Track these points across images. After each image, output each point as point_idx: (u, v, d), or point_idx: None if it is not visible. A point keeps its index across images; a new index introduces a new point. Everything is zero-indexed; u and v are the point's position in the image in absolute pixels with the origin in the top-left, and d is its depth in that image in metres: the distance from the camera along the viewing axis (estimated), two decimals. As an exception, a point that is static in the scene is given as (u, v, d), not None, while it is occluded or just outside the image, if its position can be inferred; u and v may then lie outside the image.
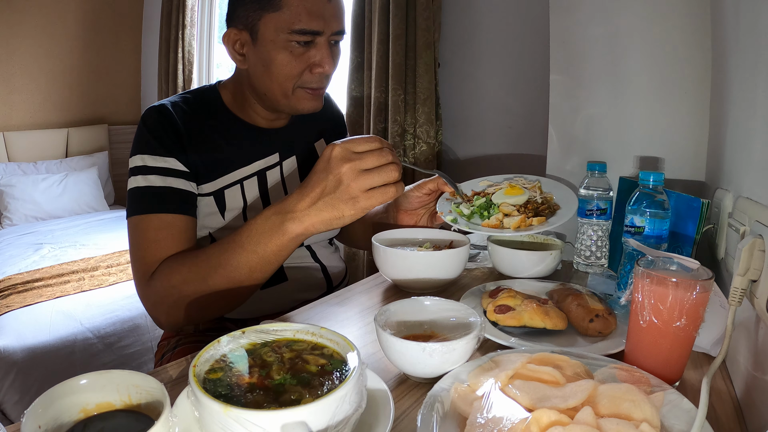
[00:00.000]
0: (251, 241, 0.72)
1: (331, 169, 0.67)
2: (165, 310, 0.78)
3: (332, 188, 0.67)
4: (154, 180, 0.83)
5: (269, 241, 0.71)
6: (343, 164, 0.66)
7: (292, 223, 0.69)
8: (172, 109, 0.88)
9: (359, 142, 0.68)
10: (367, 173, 0.67)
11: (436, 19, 1.86)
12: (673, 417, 0.47)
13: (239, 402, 0.41)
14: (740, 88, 0.73)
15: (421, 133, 1.89)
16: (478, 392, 0.49)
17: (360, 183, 0.66)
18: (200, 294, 0.75)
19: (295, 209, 0.69)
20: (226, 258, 0.73)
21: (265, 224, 0.71)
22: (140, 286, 0.81)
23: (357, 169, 0.66)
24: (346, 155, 0.67)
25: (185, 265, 0.77)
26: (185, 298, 0.76)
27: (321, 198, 0.68)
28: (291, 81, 0.85)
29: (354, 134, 2.08)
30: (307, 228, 0.70)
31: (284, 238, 0.71)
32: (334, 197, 0.67)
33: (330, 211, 0.68)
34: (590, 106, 1.05)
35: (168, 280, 0.77)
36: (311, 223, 0.69)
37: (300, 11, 0.80)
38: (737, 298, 0.54)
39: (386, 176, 0.67)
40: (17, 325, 1.72)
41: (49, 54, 3.09)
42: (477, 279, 0.97)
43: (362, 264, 2.12)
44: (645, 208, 0.76)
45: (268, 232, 0.71)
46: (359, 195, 0.67)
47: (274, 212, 0.71)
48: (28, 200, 2.79)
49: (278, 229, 0.70)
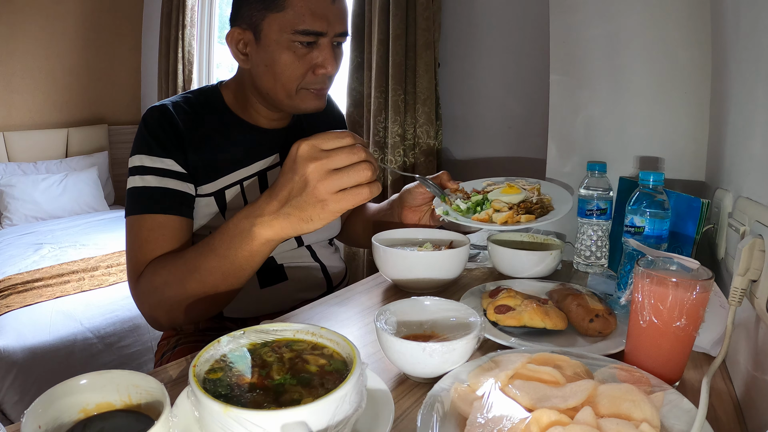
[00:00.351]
0: (223, 246, 0.69)
1: (296, 169, 0.61)
2: (149, 310, 0.79)
3: (299, 190, 0.62)
4: (150, 180, 0.83)
5: (240, 246, 0.68)
6: (309, 163, 0.60)
7: (261, 227, 0.65)
8: (173, 109, 0.88)
9: (327, 138, 0.62)
10: (336, 173, 0.60)
11: (436, 19, 1.86)
12: (673, 417, 0.47)
13: (239, 402, 0.41)
14: (740, 88, 0.73)
15: (421, 133, 1.89)
16: (478, 392, 0.49)
17: (328, 184, 0.60)
18: (179, 297, 0.74)
19: (263, 213, 0.65)
20: (200, 262, 0.71)
21: (236, 228, 0.68)
22: (131, 285, 0.82)
23: (324, 169, 0.60)
24: (312, 153, 0.61)
25: (165, 268, 0.76)
26: (166, 300, 0.75)
27: (288, 201, 0.63)
28: (294, 82, 0.85)
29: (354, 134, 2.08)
30: (276, 233, 0.65)
31: (254, 243, 0.67)
32: (300, 200, 0.62)
33: (298, 215, 0.63)
34: (590, 106, 1.05)
35: (151, 281, 0.77)
36: (280, 227, 0.65)
37: (304, 12, 0.80)
38: (737, 298, 0.54)
39: (357, 176, 0.61)
40: (17, 325, 1.72)
41: (49, 54, 3.09)
42: (477, 279, 0.97)
43: (362, 264, 2.12)
44: (645, 208, 0.76)
45: (239, 236, 0.67)
46: (328, 198, 0.61)
47: (244, 215, 0.67)
48: (28, 200, 2.79)
49: (248, 233, 0.66)
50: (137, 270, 0.80)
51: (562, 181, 1.11)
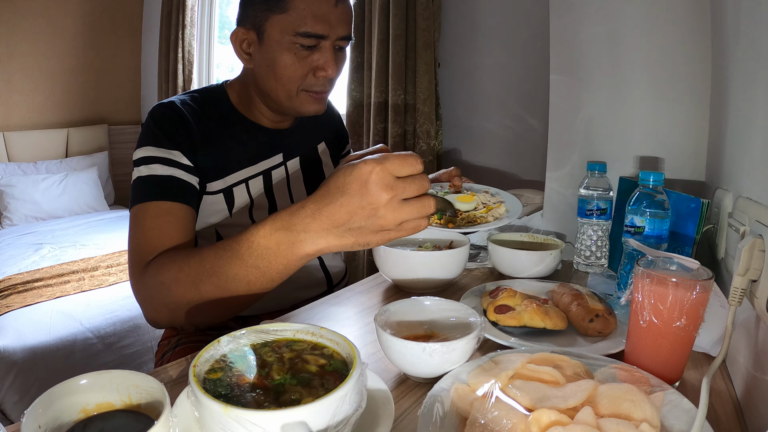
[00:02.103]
0: (252, 255, 0.62)
1: (367, 195, 0.55)
2: (153, 306, 0.74)
3: (364, 217, 0.56)
4: (156, 168, 0.81)
5: (274, 258, 0.62)
6: (384, 193, 0.54)
7: (304, 244, 0.59)
8: (181, 106, 0.88)
9: (402, 165, 0.56)
10: (407, 204, 0.56)
11: (436, 19, 1.86)
12: (673, 417, 0.47)
13: (239, 402, 0.41)
14: (740, 88, 0.73)
15: (421, 133, 1.89)
16: (478, 392, 0.49)
17: (397, 215, 0.56)
18: (189, 298, 0.68)
19: (309, 229, 0.58)
20: (220, 267, 0.65)
21: (270, 239, 0.61)
22: (133, 277, 0.77)
23: (398, 199, 0.56)
24: (388, 181, 0.55)
25: (176, 263, 0.70)
26: (173, 299, 0.70)
27: (346, 224, 0.57)
28: (295, 83, 0.86)
29: (353, 134, 2.08)
30: (320, 250, 0.60)
31: (293, 257, 0.61)
32: (363, 226, 0.57)
33: (353, 239, 0.58)
34: (590, 106, 1.05)
35: (158, 276, 0.71)
36: (327, 246, 0.59)
37: (306, 14, 0.81)
38: (737, 298, 0.54)
39: (424, 209, 0.57)
40: (17, 325, 1.72)
41: (49, 54, 3.09)
42: (477, 279, 0.97)
43: (362, 264, 2.12)
44: (645, 208, 0.76)
45: (274, 248, 0.61)
46: (392, 228, 0.57)
47: (281, 227, 0.60)
48: (28, 200, 2.78)
49: (287, 248, 0.60)
50: (141, 260, 0.76)
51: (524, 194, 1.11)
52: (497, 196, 0.99)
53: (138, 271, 0.76)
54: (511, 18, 1.77)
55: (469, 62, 1.90)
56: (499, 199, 0.98)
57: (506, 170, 1.87)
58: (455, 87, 1.95)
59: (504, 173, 1.87)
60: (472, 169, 1.93)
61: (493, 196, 0.99)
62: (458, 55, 1.92)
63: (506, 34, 1.79)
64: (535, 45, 1.66)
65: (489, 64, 1.85)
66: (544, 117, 1.16)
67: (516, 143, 1.81)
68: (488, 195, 0.99)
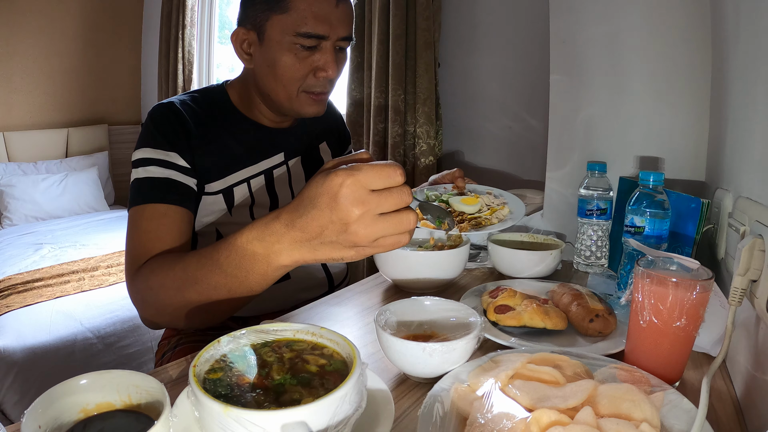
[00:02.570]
0: (230, 264, 0.61)
1: (336, 210, 0.50)
2: (144, 308, 0.76)
3: (335, 232, 0.52)
4: (153, 171, 0.82)
5: (252, 269, 0.60)
6: (354, 208, 0.50)
7: (278, 255, 0.57)
8: (180, 106, 0.88)
9: (377, 176, 0.50)
10: (382, 220, 0.51)
11: (436, 19, 1.86)
12: (673, 417, 0.47)
13: (239, 402, 0.41)
14: (740, 88, 0.73)
15: (421, 133, 1.89)
16: (478, 392, 0.49)
17: (371, 231, 0.51)
18: (176, 303, 0.69)
19: (282, 240, 0.56)
20: (202, 275, 0.64)
21: (247, 249, 0.59)
22: (127, 279, 0.78)
23: (372, 215, 0.51)
24: (359, 195, 0.50)
25: (163, 269, 0.70)
26: (162, 303, 0.71)
27: (318, 238, 0.53)
28: (295, 84, 0.86)
29: (353, 134, 2.08)
30: (296, 261, 0.58)
31: (269, 268, 0.60)
32: (335, 241, 0.53)
33: (326, 252, 0.55)
34: (590, 106, 1.05)
35: (148, 280, 0.72)
36: (301, 257, 0.57)
37: (306, 15, 0.81)
38: (737, 298, 0.54)
39: (402, 225, 0.52)
40: (17, 325, 1.72)
41: (49, 54, 3.09)
42: (477, 279, 0.97)
43: (362, 264, 2.12)
44: (645, 208, 0.76)
45: (250, 258, 0.59)
46: (366, 244, 0.52)
47: (256, 237, 0.58)
48: (28, 200, 2.78)
49: (262, 258, 0.59)
50: (135, 262, 0.77)
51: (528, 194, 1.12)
52: (500, 198, 1.00)
53: (132, 274, 0.77)
54: (511, 18, 1.77)
55: (469, 62, 1.90)
56: (503, 200, 0.98)
57: (506, 170, 1.87)
58: (455, 87, 1.95)
59: (504, 173, 1.87)
60: (472, 170, 1.93)
61: (497, 198, 0.99)
62: (458, 55, 1.92)
63: (506, 34, 1.79)
64: (535, 45, 1.66)
65: (489, 64, 1.85)
66: (544, 117, 1.16)
67: (516, 143, 1.81)
68: (491, 196, 0.99)
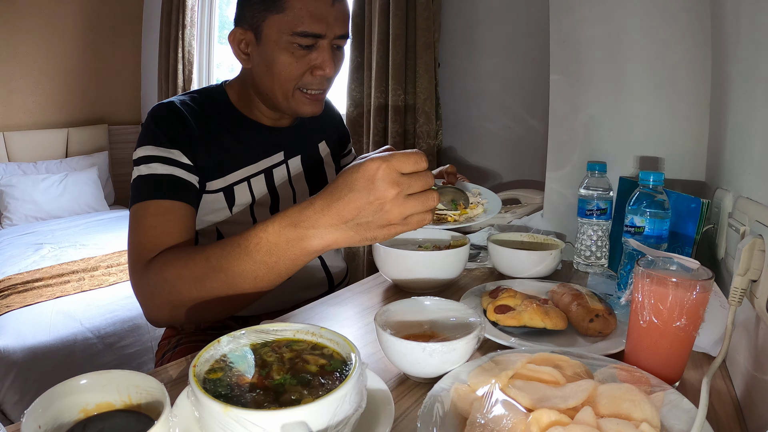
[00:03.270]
0: (260, 251, 0.64)
1: (374, 191, 0.57)
2: (155, 304, 0.74)
3: (371, 212, 0.58)
4: (156, 167, 0.82)
5: (283, 254, 0.63)
6: (391, 188, 0.57)
7: (313, 239, 0.61)
8: (181, 106, 0.88)
9: (407, 162, 0.58)
10: (411, 199, 0.59)
11: (436, 19, 1.85)
12: (673, 417, 0.47)
13: (239, 402, 0.41)
14: (740, 88, 0.73)
15: (421, 133, 1.89)
16: (478, 392, 0.49)
17: (403, 210, 0.59)
18: (194, 294, 0.69)
19: (318, 224, 0.60)
20: (228, 263, 0.66)
21: (279, 236, 0.63)
22: (134, 275, 0.77)
23: (403, 195, 0.58)
24: (394, 178, 0.57)
25: (181, 260, 0.70)
26: (177, 296, 0.70)
27: (354, 219, 0.59)
28: (291, 82, 0.86)
29: (353, 134, 2.08)
30: (329, 245, 0.62)
31: (301, 253, 0.63)
32: (370, 221, 0.59)
33: (361, 234, 0.60)
34: (590, 106, 1.05)
35: (161, 273, 0.71)
36: (335, 241, 0.61)
37: (303, 14, 0.81)
38: (737, 298, 0.54)
39: (427, 203, 0.60)
40: (17, 325, 1.72)
41: (49, 54, 3.09)
42: (477, 279, 0.97)
43: (362, 264, 2.12)
44: (645, 208, 0.76)
45: (283, 244, 0.63)
46: (398, 222, 0.60)
47: (290, 223, 0.62)
48: (28, 200, 2.78)
49: (295, 243, 0.62)
50: (142, 258, 0.76)
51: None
52: (479, 197, 1.00)
53: (139, 269, 0.76)
54: (511, 18, 1.77)
55: (469, 62, 1.90)
56: (481, 200, 0.99)
57: (506, 170, 1.87)
58: (455, 87, 1.95)
59: (504, 173, 1.87)
60: (472, 169, 1.93)
61: (475, 197, 1.00)
62: (458, 55, 1.92)
63: (506, 34, 1.79)
64: (535, 45, 1.66)
65: (489, 64, 1.85)
66: (544, 117, 1.16)
67: (516, 143, 1.81)
68: (470, 195, 1.00)
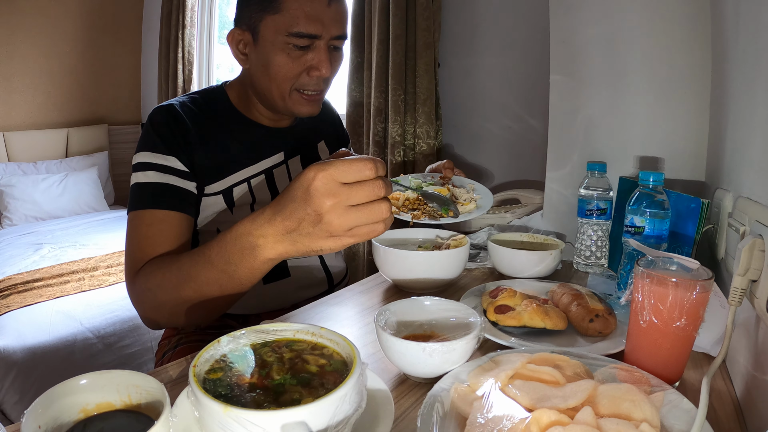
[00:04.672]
0: (221, 260, 0.65)
1: (310, 202, 0.55)
2: (144, 309, 0.78)
3: (311, 224, 0.56)
4: (152, 176, 0.83)
5: (240, 263, 0.63)
6: (325, 200, 0.54)
7: (264, 249, 0.61)
8: (180, 108, 0.89)
9: (348, 171, 0.54)
10: (354, 211, 0.55)
11: (436, 19, 1.85)
12: (673, 417, 0.47)
13: (239, 402, 0.41)
14: (740, 88, 0.73)
15: (421, 133, 1.89)
16: (478, 392, 0.49)
17: (344, 222, 0.55)
18: (175, 302, 0.72)
19: (266, 234, 0.60)
20: (196, 272, 0.68)
21: (235, 244, 0.63)
22: (127, 282, 0.81)
23: (343, 206, 0.55)
24: (330, 188, 0.54)
25: (161, 270, 0.73)
26: (160, 303, 0.74)
27: (297, 230, 0.58)
28: (288, 83, 0.87)
29: (353, 134, 2.08)
30: (280, 255, 0.61)
31: (255, 262, 0.63)
32: (312, 233, 0.57)
33: (307, 245, 0.59)
34: (590, 106, 1.05)
35: (146, 281, 0.75)
36: (285, 251, 0.60)
37: (298, 15, 0.82)
38: (737, 298, 0.54)
39: (375, 215, 0.56)
40: (17, 325, 1.72)
41: (49, 54, 3.09)
42: (477, 279, 0.97)
43: (362, 264, 2.12)
44: (645, 208, 0.76)
45: (238, 253, 0.63)
46: (342, 234, 0.56)
47: (244, 232, 0.62)
48: (28, 200, 2.78)
49: (249, 252, 0.62)
50: (134, 267, 0.79)
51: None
52: (471, 194, 1.01)
53: (131, 276, 0.80)
54: (511, 18, 1.77)
55: (469, 62, 1.90)
56: (473, 197, 1.00)
57: (506, 170, 1.86)
58: (455, 87, 1.95)
59: (504, 173, 1.87)
60: (472, 169, 1.93)
61: (468, 193, 1.01)
62: (458, 55, 1.92)
63: (506, 34, 1.79)
64: (535, 45, 1.66)
65: (489, 64, 1.85)
66: (544, 117, 1.16)
67: (516, 143, 1.81)
68: (464, 191, 1.01)
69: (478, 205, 0.98)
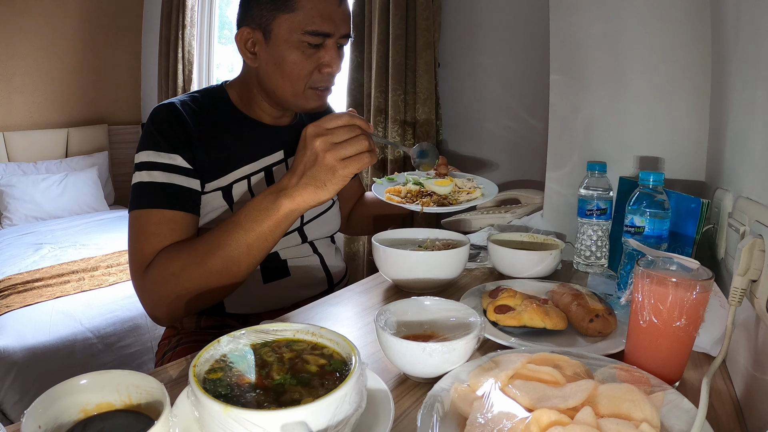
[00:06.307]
0: (249, 219, 0.76)
1: (306, 146, 0.73)
2: (162, 300, 0.79)
3: (311, 162, 0.73)
4: (157, 176, 0.84)
5: (265, 218, 0.75)
6: (316, 139, 0.72)
7: (284, 199, 0.74)
8: (181, 107, 0.89)
9: (330, 119, 0.74)
10: (339, 145, 0.72)
11: (436, 19, 1.85)
12: (673, 417, 0.47)
13: (239, 402, 0.41)
14: (740, 88, 0.73)
15: (421, 133, 1.89)
16: (478, 392, 0.49)
17: (334, 154, 0.71)
18: (198, 278, 0.77)
19: (285, 187, 0.75)
20: (224, 238, 0.76)
21: (261, 204, 0.76)
22: (136, 278, 0.82)
23: (329, 142, 0.72)
24: (318, 132, 0.73)
25: (184, 251, 0.79)
26: (184, 284, 0.77)
27: (304, 173, 0.73)
28: (302, 81, 0.89)
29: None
30: (298, 203, 0.74)
31: (278, 214, 0.75)
32: (314, 170, 0.73)
33: (314, 183, 0.73)
34: (590, 106, 1.05)
35: (166, 268, 0.78)
36: (301, 198, 0.74)
37: (313, 13, 0.84)
38: (737, 298, 0.54)
39: (357, 146, 0.72)
40: (17, 325, 1.72)
41: (49, 54, 3.09)
42: (477, 279, 0.97)
43: (362, 264, 2.12)
44: (645, 208, 0.76)
45: (264, 210, 0.75)
46: (336, 164, 0.72)
47: (268, 192, 0.76)
48: (28, 200, 2.78)
49: (272, 206, 0.75)
50: (144, 262, 0.81)
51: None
52: (474, 181, 1.02)
53: (141, 272, 0.80)
54: (512, 18, 1.76)
55: (469, 62, 1.90)
56: (477, 185, 1.00)
57: (506, 170, 1.86)
58: (455, 87, 1.95)
59: (504, 173, 1.87)
60: (472, 169, 1.93)
61: (470, 181, 1.02)
62: (458, 55, 1.92)
63: (506, 35, 1.79)
64: (535, 45, 1.65)
65: (489, 64, 1.85)
66: (544, 117, 1.16)
67: (516, 143, 1.81)
68: (466, 180, 1.01)
69: (484, 193, 0.98)
